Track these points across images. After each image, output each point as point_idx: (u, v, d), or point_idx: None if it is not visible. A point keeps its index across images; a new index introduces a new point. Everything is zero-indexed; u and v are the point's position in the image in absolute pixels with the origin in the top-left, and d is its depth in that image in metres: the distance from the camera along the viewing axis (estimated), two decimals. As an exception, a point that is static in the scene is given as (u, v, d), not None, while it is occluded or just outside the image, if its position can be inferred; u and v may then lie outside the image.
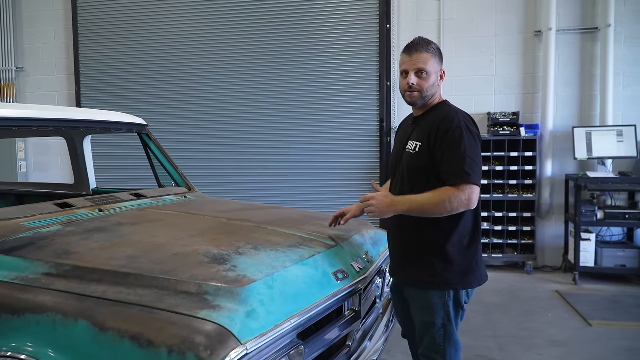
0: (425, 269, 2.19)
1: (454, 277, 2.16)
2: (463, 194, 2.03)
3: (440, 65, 2.22)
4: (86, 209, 2.60)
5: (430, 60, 2.17)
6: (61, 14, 7.10)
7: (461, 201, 2.03)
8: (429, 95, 2.20)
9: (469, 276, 2.19)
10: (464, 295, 2.20)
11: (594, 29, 5.72)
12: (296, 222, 2.66)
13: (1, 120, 2.52)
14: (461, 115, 2.16)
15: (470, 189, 2.04)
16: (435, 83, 2.21)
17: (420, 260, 2.20)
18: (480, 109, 6.00)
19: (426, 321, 2.21)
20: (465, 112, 2.22)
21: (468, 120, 2.17)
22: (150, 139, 3.53)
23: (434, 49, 2.20)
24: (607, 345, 3.73)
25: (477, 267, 2.21)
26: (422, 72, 2.17)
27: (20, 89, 7.35)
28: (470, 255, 2.20)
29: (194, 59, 6.66)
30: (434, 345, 2.21)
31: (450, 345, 2.20)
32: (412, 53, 2.18)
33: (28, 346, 1.65)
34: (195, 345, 1.45)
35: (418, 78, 2.17)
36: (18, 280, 1.81)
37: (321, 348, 1.99)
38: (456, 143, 2.08)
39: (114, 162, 6.89)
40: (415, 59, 2.17)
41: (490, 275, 2.36)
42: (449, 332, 2.19)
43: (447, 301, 2.17)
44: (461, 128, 2.09)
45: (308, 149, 6.40)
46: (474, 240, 2.21)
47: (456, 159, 2.06)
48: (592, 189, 5.29)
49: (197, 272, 1.78)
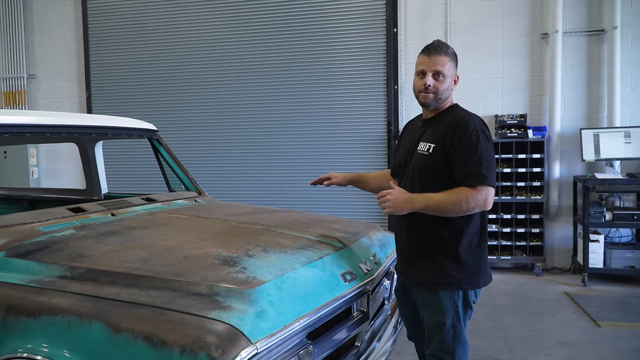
0: (435, 269, 2.21)
1: (463, 278, 2.19)
2: (480, 195, 2.07)
3: (455, 69, 2.26)
4: (98, 213, 2.65)
5: (448, 64, 2.20)
6: (72, 21, 7.20)
7: (478, 201, 2.07)
8: (442, 98, 2.23)
9: (477, 276, 2.22)
10: (472, 295, 2.23)
11: (600, 30, 5.72)
12: (304, 224, 2.69)
13: (14, 127, 2.57)
14: (475, 119, 2.21)
15: (486, 190, 2.09)
16: (450, 86, 2.24)
17: (431, 260, 2.22)
18: (488, 111, 6.01)
19: (436, 322, 2.23)
20: (477, 115, 2.27)
21: (482, 123, 2.22)
22: (160, 144, 3.57)
23: (451, 53, 2.24)
24: (616, 346, 3.73)
25: (484, 267, 2.25)
26: (439, 74, 2.20)
27: (31, 96, 7.45)
28: (478, 255, 2.23)
29: (203, 64, 6.72)
30: (443, 346, 2.23)
31: (459, 345, 2.22)
32: (432, 54, 2.20)
33: (44, 347, 1.69)
34: (207, 345, 1.48)
35: (435, 80, 2.20)
36: (34, 283, 1.85)
37: (330, 348, 2.01)
38: (473, 146, 2.12)
39: (125, 167, 6.97)
40: (434, 60, 2.19)
41: (499, 277, 2.40)
42: (458, 332, 2.21)
43: (456, 301, 2.20)
44: (477, 131, 2.14)
45: (316, 152, 6.43)
46: (482, 241, 2.25)
47: (473, 162, 2.10)
48: (600, 190, 5.28)
49: (208, 274, 1.82)
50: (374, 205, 6.27)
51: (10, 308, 1.79)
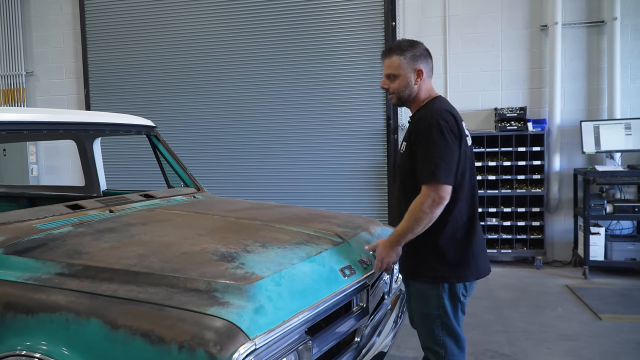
0: (420, 262, 2.23)
1: (447, 270, 2.18)
2: (431, 194, 2.05)
3: (414, 64, 2.21)
4: (97, 210, 2.64)
5: (398, 63, 2.21)
6: (69, 18, 7.18)
7: (433, 202, 2.06)
8: (404, 96, 2.25)
9: (464, 269, 2.20)
10: (461, 288, 2.21)
11: (600, 22, 5.69)
12: (303, 220, 2.68)
13: (13, 124, 2.57)
14: (437, 115, 2.13)
15: (436, 187, 2.05)
16: (410, 83, 2.22)
17: (417, 253, 2.24)
18: (487, 104, 5.99)
19: (422, 312, 2.28)
20: (448, 110, 2.18)
21: (445, 118, 2.12)
22: (158, 141, 3.57)
23: (404, 49, 2.22)
24: (617, 339, 3.72)
25: (472, 260, 2.21)
26: (389, 76, 2.25)
27: (30, 93, 7.43)
28: (464, 248, 2.20)
29: (201, 60, 6.70)
30: (432, 337, 2.26)
31: (448, 337, 2.24)
32: (383, 58, 2.27)
33: (42, 344, 1.69)
34: (205, 341, 1.48)
35: (389, 81, 2.25)
36: (31, 281, 1.85)
37: (329, 343, 2.01)
38: (426, 143, 2.10)
39: (124, 164, 6.96)
40: (385, 64, 2.26)
41: (499, 271, 2.38)
42: (445, 324, 2.22)
43: (441, 293, 2.20)
44: (432, 127, 2.09)
45: (315, 147, 6.42)
46: (470, 232, 2.21)
47: (426, 160, 2.09)
48: (600, 182, 5.27)
49: (206, 270, 1.81)
50: (373, 200, 6.28)
51: (9, 306, 1.79)
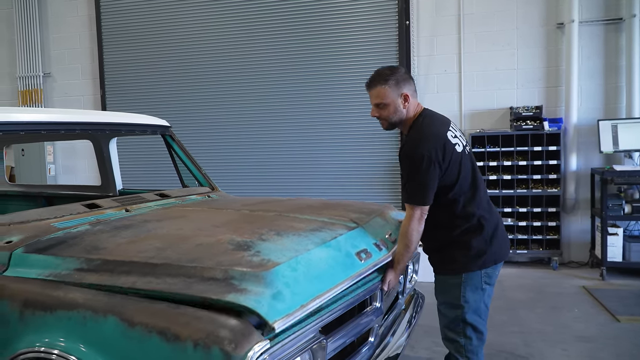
0: (442, 257, 2.39)
1: (467, 261, 2.31)
2: (415, 214, 2.26)
3: (399, 89, 2.32)
4: (113, 209, 2.67)
5: (385, 92, 2.32)
6: (85, 19, 7.26)
7: (419, 218, 2.27)
8: (396, 121, 2.38)
9: (481, 257, 2.30)
10: (482, 276, 2.31)
11: (618, 19, 5.61)
12: (317, 208, 2.71)
13: (31, 124, 2.62)
14: (422, 146, 2.22)
15: (413, 210, 2.27)
16: (399, 108, 2.34)
17: (438, 250, 2.42)
18: (503, 103, 5.94)
19: (444, 302, 2.41)
20: (434, 133, 2.28)
21: (428, 149, 2.21)
22: (173, 140, 3.59)
23: (387, 78, 2.32)
24: (635, 341, 3.67)
25: (489, 246, 2.32)
26: (378, 105, 2.36)
27: (47, 94, 7.53)
28: (478, 238, 2.31)
29: (215, 60, 6.73)
30: (453, 326, 2.36)
31: (468, 327, 2.32)
32: (369, 89, 2.38)
33: (60, 341, 1.71)
34: (220, 339, 1.49)
35: (379, 109, 2.37)
36: (52, 277, 1.88)
37: (343, 343, 2.01)
38: (410, 169, 2.25)
39: (139, 164, 7.02)
40: (372, 94, 2.37)
41: (515, 271, 2.42)
42: (465, 314, 2.31)
43: (461, 283, 2.31)
44: (415, 160, 2.22)
45: (329, 146, 6.41)
46: (480, 223, 2.32)
47: (411, 184, 2.26)
48: (618, 182, 5.19)
49: (223, 259, 1.83)
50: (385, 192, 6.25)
51: (28, 303, 1.81)
